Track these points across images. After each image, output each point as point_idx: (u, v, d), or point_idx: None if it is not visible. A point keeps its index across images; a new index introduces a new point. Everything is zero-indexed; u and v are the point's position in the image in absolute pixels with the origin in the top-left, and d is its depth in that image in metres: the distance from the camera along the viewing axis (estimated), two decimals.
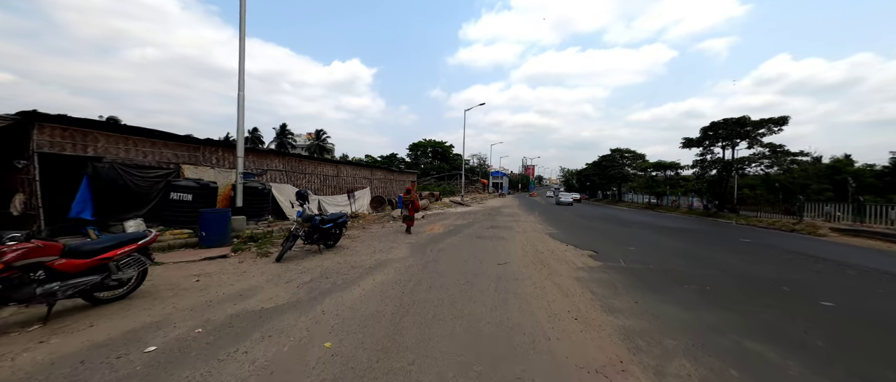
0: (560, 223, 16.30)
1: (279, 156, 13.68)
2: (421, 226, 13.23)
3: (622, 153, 51.86)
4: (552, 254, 8.04)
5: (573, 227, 14.58)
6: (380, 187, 22.23)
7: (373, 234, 10.80)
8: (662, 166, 35.52)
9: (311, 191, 15.49)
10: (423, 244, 9.12)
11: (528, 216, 20.17)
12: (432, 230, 12.30)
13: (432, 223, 14.72)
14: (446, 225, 14.04)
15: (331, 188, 16.89)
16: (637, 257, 7.93)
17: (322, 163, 16.45)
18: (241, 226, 9.48)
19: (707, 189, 23.51)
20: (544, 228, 13.84)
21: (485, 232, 12.00)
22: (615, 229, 14.43)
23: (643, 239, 11.54)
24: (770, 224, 16.80)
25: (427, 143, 70.56)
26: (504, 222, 15.64)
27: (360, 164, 20.40)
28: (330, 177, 16.85)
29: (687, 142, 24.20)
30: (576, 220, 18.32)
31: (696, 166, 24.07)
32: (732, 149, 21.85)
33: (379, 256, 7.42)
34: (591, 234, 12.34)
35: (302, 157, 15.29)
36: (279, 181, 13.59)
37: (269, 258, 6.91)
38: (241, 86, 9.59)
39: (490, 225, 14.04)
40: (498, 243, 9.54)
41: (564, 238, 11.01)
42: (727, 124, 20.92)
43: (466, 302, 4.54)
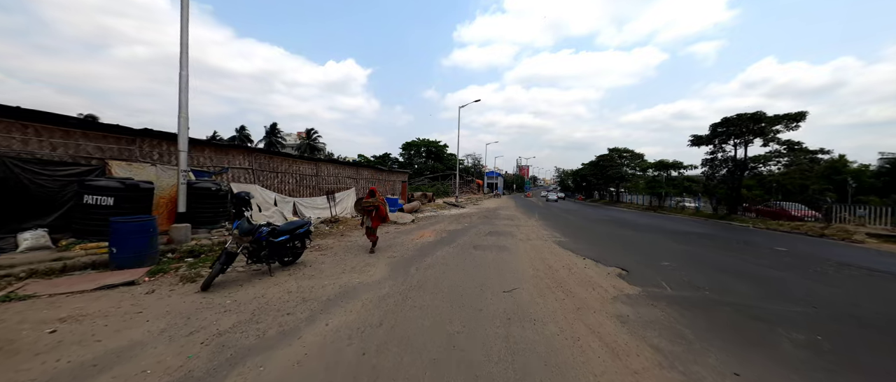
0: (566, 228, 14.65)
1: (244, 151, 11.81)
2: (409, 233, 11.48)
3: (620, 152, 50.49)
4: (571, 273, 6.33)
5: (582, 233, 12.93)
6: (366, 187, 20.41)
7: (349, 245, 9.01)
8: (664, 166, 34.15)
9: (285, 192, 13.65)
10: (408, 259, 7.36)
11: (528, 219, 18.52)
12: (422, 237, 10.55)
13: (423, 228, 12.97)
14: (438, 230, 12.30)
15: (309, 189, 15.04)
16: (680, 277, 6.27)
17: (298, 160, 14.60)
18: (182, 237, 7.63)
19: (719, 189, 22.07)
20: (550, 234, 12.17)
21: (483, 240, 10.28)
22: (630, 235, 12.80)
23: (669, 248, 9.91)
24: (793, 228, 15.37)
25: (421, 143, 68.83)
26: (503, 227, 13.95)
27: (344, 163, 18.58)
28: (308, 177, 15.00)
29: (695, 140, 22.74)
30: (582, 224, 16.69)
31: (706, 165, 22.67)
32: (745, 147, 20.47)
33: (347, 279, 5.64)
34: (605, 242, 10.68)
35: (273, 154, 13.41)
36: (244, 180, 11.73)
37: (198, 283, 5.09)
38: (184, 64, 7.77)
39: (488, 231, 12.33)
40: (500, 256, 7.82)
41: (576, 247, 9.34)
42: (741, 120, 19.49)
43: (463, 375, 2.81)
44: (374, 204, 8.01)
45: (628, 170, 48.73)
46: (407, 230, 12.44)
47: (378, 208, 8.00)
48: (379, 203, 8.04)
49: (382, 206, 8.12)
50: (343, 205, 16.96)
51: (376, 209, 8.00)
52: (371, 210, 8.01)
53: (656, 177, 35.63)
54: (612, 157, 50.79)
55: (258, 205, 11.68)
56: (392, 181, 24.06)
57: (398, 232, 11.84)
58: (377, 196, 8.17)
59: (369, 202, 8.05)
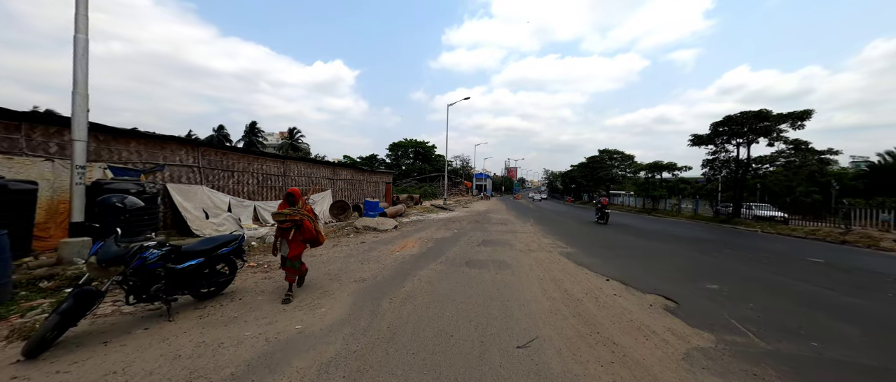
0: (568, 234, 13.09)
1: (187, 145, 9.77)
2: (390, 242, 9.68)
3: (610, 154, 49.78)
4: (601, 306, 4.66)
5: (586, 240, 11.37)
6: (346, 190, 18.48)
7: (310, 263, 7.15)
8: (658, 167, 33.26)
9: (244, 195, 11.64)
10: (382, 283, 5.57)
11: (524, 223, 16.93)
12: (404, 248, 8.76)
13: (406, 236, 11.17)
14: (424, 239, 10.53)
15: (275, 191, 13.04)
16: (749, 311, 4.65)
17: (261, 158, 12.58)
18: (72, 256, 5.65)
19: (724, 191, 20.97)
20: (552, 243, 10.56)
21: (477, 252, 8.57)
22: (642, 244, 11.30)
23: (696, 261, 8.40)
24: (809, 233, 14.24)
25: (408, 143, 66.96)
26: (498, 234, 12.29)
27: (318, 162, 16.61)
28: (273, 177, 13.01)
29: (695, 139, 21.62)
30: (584, 230, 15.18)
31: (706, 166, 21.60)
32: (748, 146, 19.42)
33: (283, 325, 3.82)
34: (619, 253, 9.11)
35: (228, 149, 11.37)
36: (189, 181, 9.71)
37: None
38: (81, 26, 5.83)
39: (482, 240, 10.63)
40: (501, 276, 6.11)
41: (589, 261, 7.71)
42: (744, 118, 18.39)
43: None
44: (292, 217, 4.63)
45: (619, 172, 48.02)
46: (387, 238, 10.63)
47: (299, 223, 4.68)
48: (301, 216, 4.69)
49: (308, 222, 4.78)
50: (317, 209, 14.99)
51: (297, 225, 4.68)
52: (288, 226, 4.69)
53: (650, 179, 34.73)
54: (603, 159, 50.04)
55: (205, 211, 9.69)
56: (375, 182, 22.16)
57: (376, 241, 10.02)
58: (300, 204, 4.79)
59: (286, 214, 4.64)
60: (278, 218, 4.68)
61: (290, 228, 4.72)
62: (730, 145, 20.08)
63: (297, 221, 4.69)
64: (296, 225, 4.70)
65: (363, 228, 12.76)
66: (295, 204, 4.77)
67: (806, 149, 17.49)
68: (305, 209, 4.85)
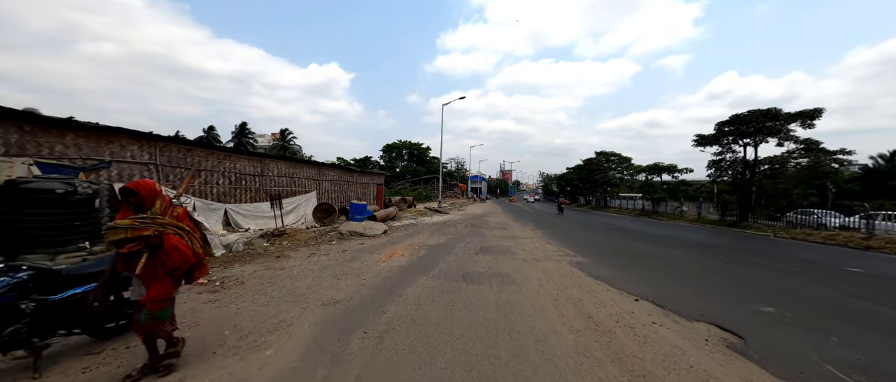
0: (572, 240, 12.01)
1: (141, 140, 8.50)
2: (376, 250, 8.50)
3: (607, 156, 48.98)
4: (641, 342, 3.53)
5: (595, 248, 10.28)
6: (334, 191, 17.25)
7: (274, 279, 5.95)
8: (658, 169, 32.46)
9: (213, 196, 10.38)
10: (357, 308, 4.40)
11: (523, 227, 15.85)
12: (391, 258, 7.58)
13: (396, 242, 9.99)
14: (415, 246, 9.36)
15: (250, 192, 11.78)
16: (837, 346, 3.57)
17: (233, 155, 11.30)
18: None
19: (732, 193, 20.08)
20: (558, 249, 9.46)
21: (475, 262, 7.42)
22: (657, 251, 10.25)
23: (728, 273, 7.35)
24: (827, 238, 13.33)
25: (402, 145, 65.80)
26: (497, 239, 11.17)
27: (302, 161, 15.36)
28: (249, 178, 11.75)
29: (700, 139, 20.73)
30: (588, 234, 14.12)
31: (711, 167, 20.74)
32: (755, 147, 18.56)
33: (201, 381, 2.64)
34: (637, 262, 8.03)
35: (193, 145, 10.09)
36: None
37: None
38: None
39: (480, 247, 9.50)
40: (505, 296, 4.97)
41: (607, 274, 6.60)
42: (753, 117, 17.48)
43: None
44: (139, 231, 2.54)
45: (616, 174, 47.25)
46: (374, 245, 9.44)
47: (156, 245, 2.60)
48: (157, 230, 2.59)
49: (176, 238, 2.67)
50: (298, 213, 13.76)
51: (153, 247, 2.59)
52: (134, 249, 2.57)
53: (649, 181, 33.90)
54: (600, 161, 49.27)
55: None
56: (365, 183, 20.93)
57: (361, 249, 8.83)
58: (159, 208, 2.74)
59: (127, 228, 2.53)
60: (114, 236, 2.54)
61: (141, 253, 2.57)
62: (737, 145, 19.21)
63: (152, 241, 2.58)
64: (150, 247, 2.58)
65: (348, 234, 11.56)
66: (145, 210, 2.67)
67: (818, 149, 16.68)
68: (170, 215, 2.77)
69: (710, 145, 20.53)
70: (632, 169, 45.61)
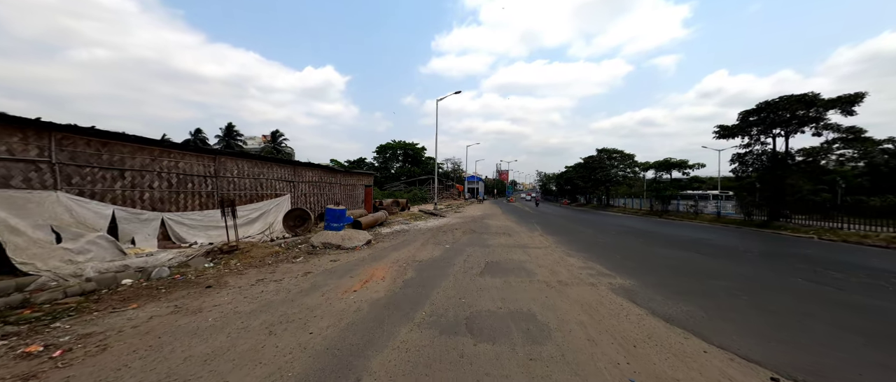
0: (596, 250, 9.93)
1: (26, 129, 6.27)
2: (349, 271, 6.35)
3: (610, 153, 47.12)
4: None
5: (633, 262, 8.22)
6: (313, 195, 15.07)
7: (163, 338, 3.79)
8: (667, 165, 30.51)
9: (146, 202, 8.18)
10: None
11: (530, 232, 13.79)
12: (365, 284, 5.44)
13: (378, 258, 7.85)
14: (401, 264, 7.22)
15: (200, 197, 9.59)
16: None
17: (175, 152, 9.06)
18: None
19: (758, 190, 18.13)
20: (585, 265, 7.37)
21: (482, 292, 5.31)
22: (716, 267, 8.22)
23: (821, 299, 5.31)
24: (889, 241, 11.41)
25: (397, 145, 63.59)
26: (504, 249, 9.07)
27: (271, 160, 13.14)
28: (198, 179, 9.55)
29: (722, 131, 18.75)
30: (608, 241, 12.07)
31: (735, 162, 18.79)
32: (786, 138, 16.62)
33: None
34: (709, 289, 5.97)
35: (112, 138, 7.81)
36: (30, 183, 6.24)
37: None
38: None
39: (485, 263, 7.39)
40: (543, 371, 2.88)
41: (682, 313, 4.52)
42: (787, 103, 15.49)
43: None
44: None
45: (619, 172, 45.37)
46: (350, 263, 7.29)
47: None
48: None
49: None
50: (266, 221, 11.56)
51: None
52: None
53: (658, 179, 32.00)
54: (601, 159, 47.39)
55: (56, 231, 6.22)
56: (351, 185, 18.75)
57: (332, 270, 6.69)
58: None
59: None
60: None
61: None
62: (766, 136, 17.23)
63: None
64: None
65: (321, 246, 9.40)
66: None
67: (865, 138, 14.74)
68: None
69: (732, 137, 18.57)
70: (636, 166, 43.82)
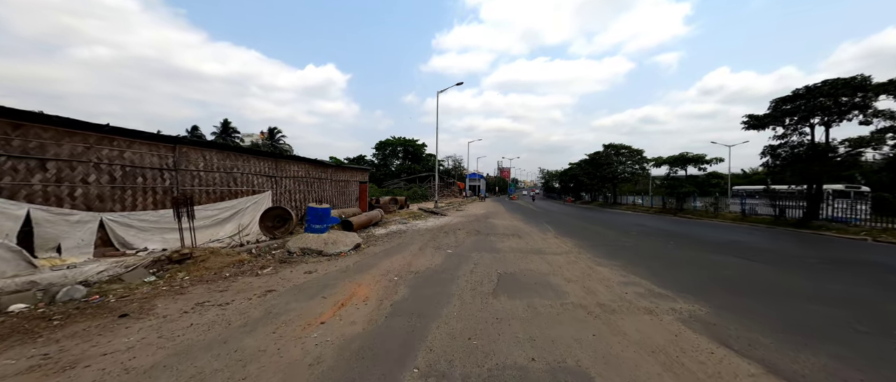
0: (622, 253, 8.34)
1: None
2: (322, 291, 4.78)
3: (617, 149, 45.37)
4: None
5: (687, 272, 6.63)
6: (299, 191, 13.51)
7: None
8: (683, 160, 28.73)
9: (79, 200, 6.62)
10: None
11: (543, 234, 12.22)
12: (342, 308, 3.87)
13: (364, 269, 6.27)
14: (393, 276, 5.64)
15: (154, 194, 8.04)
16: None
17: (120, 139, 7.45)
18: None
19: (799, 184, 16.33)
20: (624, 278, 5.79)
21: (501, 326, 3.73)
22: (800, 285, 6.63)
23: None
24: None
25: (396, 141, 61.98)
26: (517, 256, 7.48)
27: (248, 151, 11.54)
28: (152, 173, 8.00)
29: (752, 121, 16.94)
30: (636, 245, 10.48)
31: (768, 155, 17.02)
32: (826, 127, 14.91)
33: None
34: (806, 315, 4.39)
35: (23, 119, 6.21)
36: None
37: None
38: None
39: (497, 276, 5.81)
40: None
41: (807, 367, 2.97)
42: (830, 89, 13.82)
43: None
44: None
45: (627, 168, 43.62)
46: (329, 277, 5.72)
47: None
48: None
49: None
50: (239, 222, 10.00)
51: None
52: None
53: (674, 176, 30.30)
54: (608, 155, 45.65)
55: None
56: (344, 181, 17.17)
57: (303, 287, 5.11)
58: None
59: None
60: None
61: None
62: (804, 125, 15.47)
63: None
64: None
65: (299, 253, 7.84)
66: None
67: None
68: None
69: (763, 127, 16.83)
70: (645, 162, 42.10)
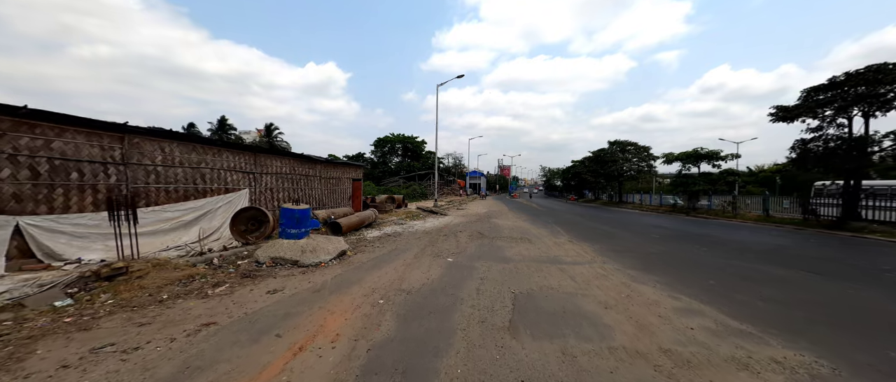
0: (658, 264, 6.97)
1: None
2: (286, 320, 3.41)
3: (623, 146, 43.93)
4: None
5: (753, 291, 5.27)
6: (283, 190, 12.13)
7: None
8: (696, 157, 27.18)
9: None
10: None
11: (553, 236, 10.86)
12: (302, 352, 2.53)
13: (346, 284, 4.90)
14: (378, 297, 4.27)
15: (92, 192, 6.65)
16: None
17: (45, 126, 6.11)
18: None
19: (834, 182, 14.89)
20: (675, 298, 4.42)
21: None
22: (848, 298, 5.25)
23: None
24: None
25: (395, 139, 60.56)
26: (530, 267, 6.12)
27: (220, 144, 10.16)
28: (90, 167, 6.61)
29: (780, 113, 15.40)
30: (669, 252, 9.11)
31: (798, 150, 15.54)
32: (866, 119, 13.44)
33: None
34: None
35: None
36: None
37: None
38: None
39: (512, 298, 4.43)
40: None
41: None
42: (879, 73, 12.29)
43: None
44: None
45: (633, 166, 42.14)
46: (296, 298, 4.33)
47: None
48: None
49: None
50: (207, 225, 8.63)
51: None
52: None
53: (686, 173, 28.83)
54: (614, 152, 44.18)
55: None
56: (335, 179, 15.78)
57: (259, 313, 3.71)
58: None
59: None
60: None
61: None
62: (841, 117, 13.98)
63: None
64: None
65: (269, 263, 6.48)
66: None
67: None
68: None
69: (792, 120, 15.37)
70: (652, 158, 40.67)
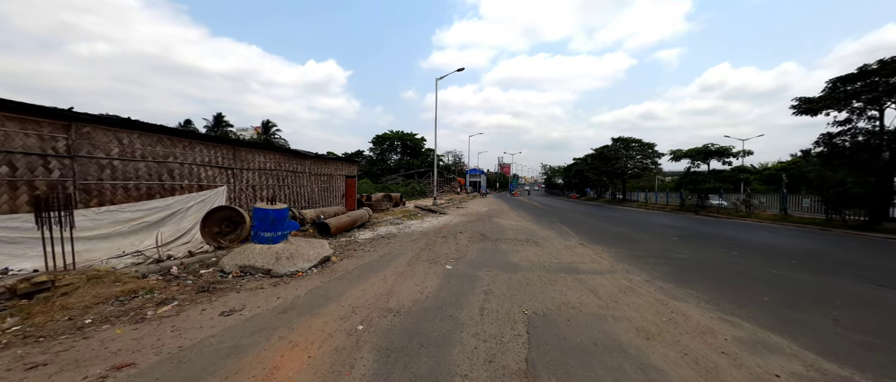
0: (691, 273, 6.00)
1: None
2: (234, 354, 2.48)
3: (627, 143, 42.93)
4: None
5: (819, 312, 4.31)
6: (267, 188, 11.13)
7: None
8: (706, 153, 26.18)
9: None
10: None
11: (562, 238, 9.89)
12: None
13: (319, 304, 3.93)
14: (355, 324, 3.29)
15: (27, 191, 5.65)
16: None
17: None
18: None
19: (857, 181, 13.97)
20: (732, 324, 3.45)
21: None
22: None
23: None
24: None
25: (394, 136, 59.46)
26: (539, 274, 5.15)
27: (194, 136, 9.15)
28: (26, 160, 5.63)
29: (803, 105, 14.46)
30: (696, 258, 8.15)
31: (822, 145, 14.57)
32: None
33: None
34: None
35: None
36: None
37: None
38: None
39: (526, 322, 3.46)
40: None
41: None
42: None
43: None
44: None
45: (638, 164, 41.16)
46: (255, 322, 3.33)
47: None
48: None
49: None
50: (175, 227, 7.63)
51: None
52: None
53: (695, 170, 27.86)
54: (617, 149, 43.17)
55: None
56: (327, 175, 14.79)
57: (201, 345, 2.71)
58: None
59: None
60: None
61: None
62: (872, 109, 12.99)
63: None
64: None
65: (237, 272, 5.50)
66: None
67: None
68: None
69: (816, 113, 14.38)
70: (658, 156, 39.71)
